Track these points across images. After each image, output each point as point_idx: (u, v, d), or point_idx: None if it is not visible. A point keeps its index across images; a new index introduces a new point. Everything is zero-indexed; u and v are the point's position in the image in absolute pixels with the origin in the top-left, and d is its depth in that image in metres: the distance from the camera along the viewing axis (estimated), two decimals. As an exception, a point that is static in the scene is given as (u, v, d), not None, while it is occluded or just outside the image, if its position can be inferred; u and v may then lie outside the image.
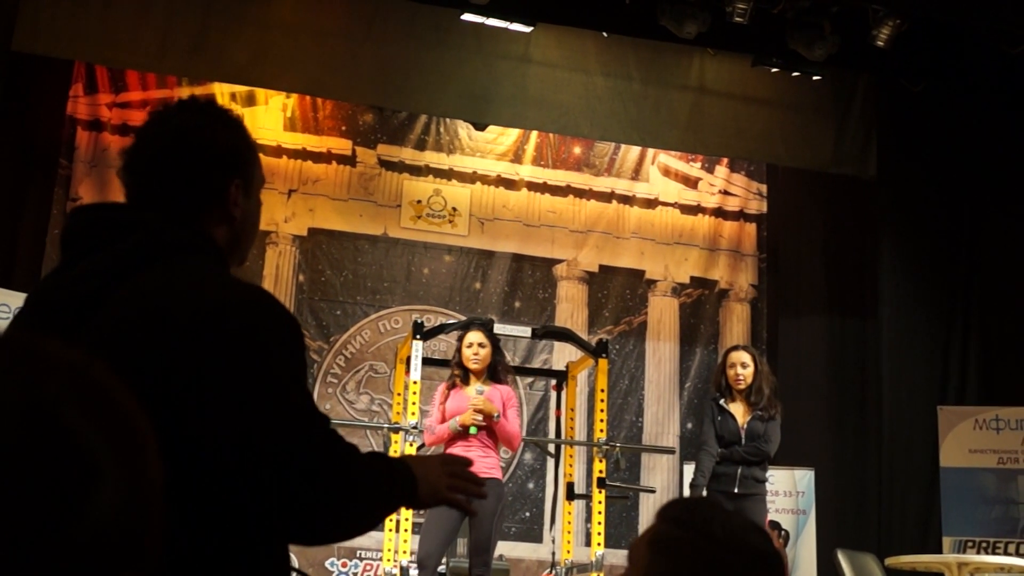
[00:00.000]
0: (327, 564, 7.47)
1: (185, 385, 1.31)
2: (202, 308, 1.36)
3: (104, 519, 0.60)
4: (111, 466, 0.61)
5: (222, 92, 7.82)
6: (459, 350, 5.42)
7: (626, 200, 8.69)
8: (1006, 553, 6.98)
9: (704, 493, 5.51)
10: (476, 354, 5.33)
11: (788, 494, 7.58)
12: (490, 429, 5.31)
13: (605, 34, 7.52)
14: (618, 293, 8.56)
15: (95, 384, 0.64)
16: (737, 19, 6.90)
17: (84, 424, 0.61)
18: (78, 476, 0.60)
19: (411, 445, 5.58)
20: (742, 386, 5.66)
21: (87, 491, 0.60)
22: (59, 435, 0.60)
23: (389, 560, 5.70)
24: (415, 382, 5.63)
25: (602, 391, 5.98)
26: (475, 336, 5.38)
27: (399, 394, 6.15)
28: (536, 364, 8.02)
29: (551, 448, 6.55)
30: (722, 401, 5.70)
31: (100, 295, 1.39)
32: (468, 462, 1.70)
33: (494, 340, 5.44)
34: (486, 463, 5.28)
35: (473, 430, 5.22)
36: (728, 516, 1.48)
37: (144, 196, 1.51)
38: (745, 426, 5.62)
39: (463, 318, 6.65)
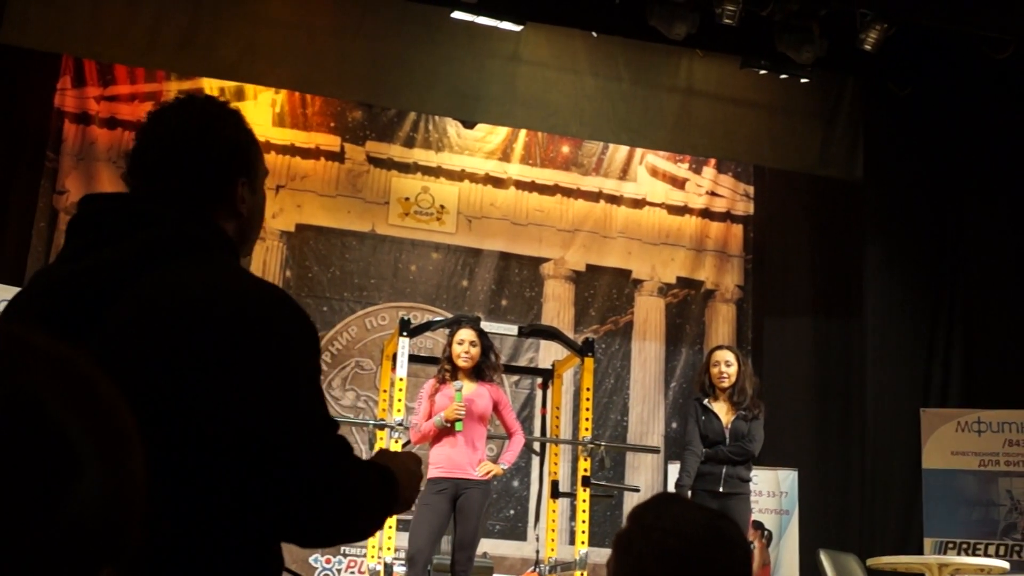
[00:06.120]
0: (311, 560, 7.46)
1: (203, 376, 1.31)
2: (224, 302, 1.36)
3: (83, 513, 0.60)
4: (93, 460, 0.61)
5: (211, 87, 7.80)
6: (449, 345, 5.43)
7: (613, 200, 8.70)
8: (986, 554, 7.03)
9: (689, 493, 5.53)
10: (467, 352, 5.34)
11: (771, 494, 7.61)
12: (478, 427, 5.33)
13: (595, 34, 7.53)
14: (604, 292, 8.58)
15: (79, 377, 0.63)
16: (726, 21, 6.91)
17: (67, 417, 0.60)
18: (58, 469, 0.59)
19: (396, 442, 5.58)
20: (726, 384, 5.68)
21: (67, 484, 0.59)
22: (41, 427, 0.59)
23: (374, 557, 5.70)
24: (401, 379, 5.63)
25: (588, 390, 5.99)
26: (467, 334, 5.39)
27: (385, 391, 6.15)
28: (522, 362, 8.02)
29: (536, 446, 6.56)
30: (706, 401, 5.72)
31: (118, 286, 1.37)
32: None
33: (485, 340, 5.45)
34: (472, 461, 5.29)
35: (459, 426, 5.23)
36: (684, 506, 1.50)
37: (152, 190, 1.50)
38: (729, 426, 5.64)
39: (450, 315, 6.66)
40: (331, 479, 1.37)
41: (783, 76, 7.58)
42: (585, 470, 5.89)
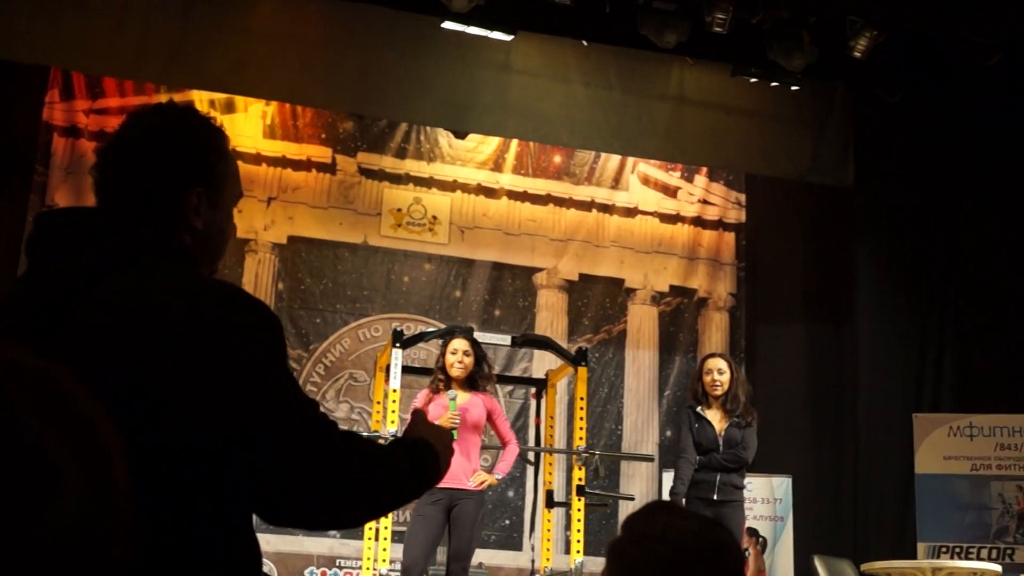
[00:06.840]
0: (307, 573, 7.44)
1: (169, 382, 1.30)
2: (179, 305, 1.36)
3: (66, 526, 0.59)
4: (73, 473, 0.60)
5: (201, 99, 7.78)
6: (443, 355, 5.42)
7: (606, 209, 8.71)
8: (979, 558, 7.04)
9: (684, 501, 5.53)
10: (460, 361, 5.34)
11: (766, 501, 7.62)
12: (473, 437, 5.33)
13: (585, 43, 7.54)
14: (598, 301, 8.58)
15: (58, 391, 0.63)
16: (716, 29, 6.94)
17: (46, 431, 0.60)
18: (39, 484, 0.59)
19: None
20: (719, 392, 5.69)
21: (47, 499, 0.59)
22: (17, 442, 0.59)
23: (369, 569, 5.68)
24: (395, 390, 5.63)
25: (581, 399, 5.99)
26: (460, 344, 5.40)
27: (379, 402, 6.14)
28: (516, 372, 8.01)
29: (531, 456, 6.55)
30: (699, 409, 5.73)
31: (72, 299, 1.36)
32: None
33: (478, 350, 5.45)
34: (466, 471, 5.29)
35: (453, 435, 5.23)
36: (676, 514, 1.50)
37: (110, 198, 1.49)
38: (722, 433, 5.65)
39: (443, 326, 6.66)
40: (321, 455, 1.35)
41: (774, 84, 7.60)
42: (580, 479, 5.89)
